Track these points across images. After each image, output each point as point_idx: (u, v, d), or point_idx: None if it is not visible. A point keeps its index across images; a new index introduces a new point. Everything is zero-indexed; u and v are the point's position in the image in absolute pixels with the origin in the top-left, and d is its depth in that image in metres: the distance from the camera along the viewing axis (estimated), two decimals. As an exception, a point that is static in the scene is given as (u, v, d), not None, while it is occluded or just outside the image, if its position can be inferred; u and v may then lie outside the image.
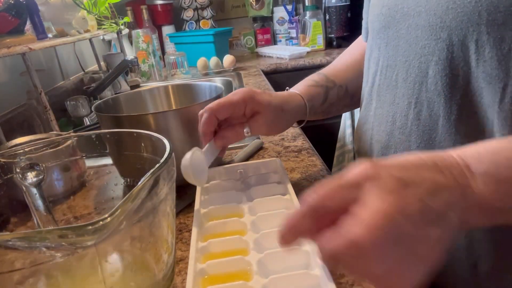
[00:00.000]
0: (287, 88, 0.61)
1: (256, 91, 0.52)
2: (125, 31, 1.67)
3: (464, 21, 0.35)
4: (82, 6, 1.16)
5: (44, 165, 0.43)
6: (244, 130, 0.51)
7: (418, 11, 0.40)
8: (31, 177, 0.42)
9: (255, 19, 2.17)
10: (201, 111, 0.50)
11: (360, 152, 0.57)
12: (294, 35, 2.07)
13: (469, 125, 0.39)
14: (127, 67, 1.18)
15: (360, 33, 0.65)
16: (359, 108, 0.62)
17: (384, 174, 0.25)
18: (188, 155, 0.45)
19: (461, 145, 0.37)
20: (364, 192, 0.25)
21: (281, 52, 1.81)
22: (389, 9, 0.44)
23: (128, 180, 0.48)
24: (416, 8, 0.40)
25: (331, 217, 0.26)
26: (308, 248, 0.38)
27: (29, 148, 0.44)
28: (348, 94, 0.63)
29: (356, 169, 0.27)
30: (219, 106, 0.49)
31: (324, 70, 0.64)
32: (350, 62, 0.65)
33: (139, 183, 0.30)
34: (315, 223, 0.27)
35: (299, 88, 0.60)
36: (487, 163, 0.28)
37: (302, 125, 0.62)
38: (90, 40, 1.33)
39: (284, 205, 0.47)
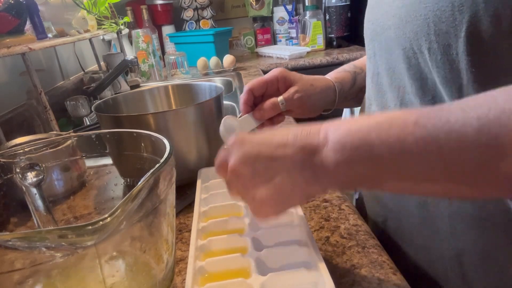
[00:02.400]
0: None
1: (286, 70, 0.59)
2: (125, 31, 1.68)
3: (418, 32, 0.39)
4: (82, 6, 1.16)
5: (44, 165, 0.43)
6: (278, 100, 0.57)
7: (388, 25, 0.44)
8: (31, 177, 0.42)
9: (255, 19, 2.17)
10: None
11: None
12: (294, 35, 2.07)
13: None
14: (127, 67, 1.18)
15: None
16: (359, 108, 0.62)
17: (245, 144, 0.37)
18: (222, 121, 0.54)
19: None
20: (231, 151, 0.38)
21: (281, 52, 1.81)
22: (372, 24, 0.49)
23: (128, 180, 0.48)
24: (387, 23, 0.44)
25: None
26: (307, 246, 0.38)
27: (29, 148, 0.44)
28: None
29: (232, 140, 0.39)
30: (254, 83, 0.57)
31: (352, 62, 0.68)
32: None
33: (139, 183, 0.30)
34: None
35: (330, 74, 0.65)
36: (343, 131, 0.33)
37: (331, 111, 0.65)
38: (90, 40, 1.33)
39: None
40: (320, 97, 0.60)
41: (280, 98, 0.57)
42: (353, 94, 0.64)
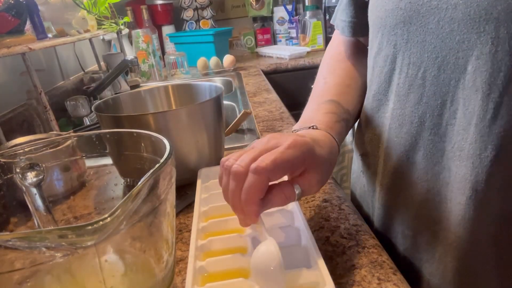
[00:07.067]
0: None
1: (313, 145, 0.40)
2: (125, 31, 1.68)
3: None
4: (82, 6, 1.16)
5: (44, 165, 0.43)
6: (296, 192, 0.39)
7: (453, 4, 0.37)
8: (31, 177, 0.42)
9: (255, 19, 2.17)
10: (234, 167, 0.37)
11: (370, 155, 0.55)
12: (294, 35, 2.07)
13: (505, 127, 0.36)
14: (127, 67, 1.18)
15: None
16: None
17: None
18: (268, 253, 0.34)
19: (491, 149, 0.37)
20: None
21: (281, 52, 1.82)
22: (410, 3, 0.41)
23: (128, 180, 0.48)
24: (450, 1, 0.37)
25: None
26: (307, 246, 0.38)
27: (29, 148, 0.44)
28: (352, 120, 0.57)
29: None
30: (275, 165, 0.36)
31: (334, 96, 0.55)
32: (348, 79, 0.60)
33: (139, 183, 0.30)
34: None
35: (326, 123, 0.49)
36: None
37: None
38: (90, 40, 1.33)
39: (284, 205, 0.47)
40: (331, 169, 0.44)
41: (298, 190, 0.39)
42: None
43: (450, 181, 0.41)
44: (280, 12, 2.08)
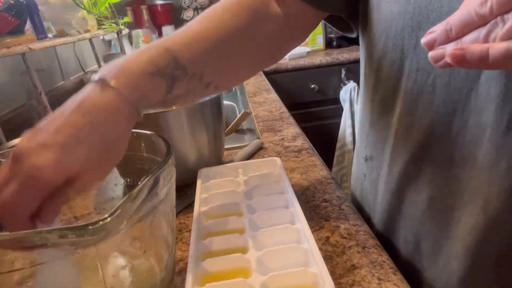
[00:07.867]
0: (102, 78, 0.38)
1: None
2: (125, 31, 1.68)
3: None
4: (82, 6, 1.16)
5: (44, 165, 0.43)
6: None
7: None
8: (31, 177, 0.42)
9: (255, 19, 2.17)
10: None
11: (374, 159, 0.54)
12: (294, 35, 2.07)
13: None
14: (127, 67, 1.18)
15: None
16: (360, 110, 0.58)
17: None
18: None
19: (505, 162, 0.36)
20: None
21: (281, 52, 1.81)
22: (419, 8, 0.39)
23: (128, 180, 0.48)
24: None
25: None
26: (307, 246, 0.38)
27: (29, 148, 0.44)
28: (202, 83, 0.45)
29: None
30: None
31: (176, 45, 0.42)
32: (218, 35, 0.46)
33: (139, 183, 0.30)
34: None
35: (130, 80, 0.38)
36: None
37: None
38: (90, 40, 1.33)
39: (283, 204, 0.47)
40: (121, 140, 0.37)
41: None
42: (162, 101, 0.42)
43: (459, 190, 0.40)
44: (280, 12, 2.08)
